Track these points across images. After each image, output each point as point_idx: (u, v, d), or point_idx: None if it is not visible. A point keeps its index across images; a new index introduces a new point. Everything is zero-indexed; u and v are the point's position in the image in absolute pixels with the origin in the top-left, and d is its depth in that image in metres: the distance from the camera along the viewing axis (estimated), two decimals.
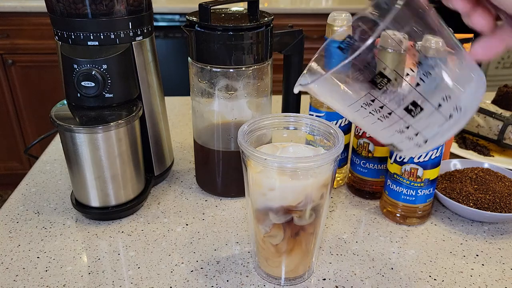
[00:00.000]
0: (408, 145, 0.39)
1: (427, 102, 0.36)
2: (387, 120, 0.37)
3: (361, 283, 0.50)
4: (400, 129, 0.38)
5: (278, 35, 0.61)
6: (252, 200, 0.47)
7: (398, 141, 0.40)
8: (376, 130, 0.40)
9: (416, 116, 0.37)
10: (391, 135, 0.39)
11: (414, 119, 0.37)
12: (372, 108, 0.37)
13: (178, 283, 0.50)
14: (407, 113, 0.37)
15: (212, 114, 0.62)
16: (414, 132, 0.38)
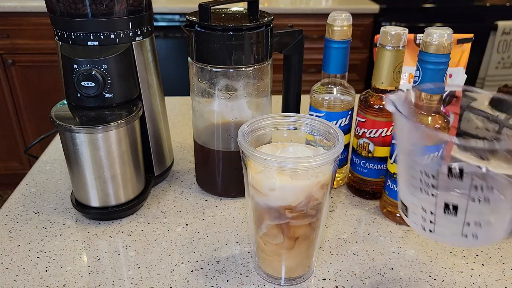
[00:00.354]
0: (417, 220, 0.42)
1: (464, 214, 0.38)
2: (423, 193, 0.40)
3: (361, 283, 0.50)
4: (424, 207, 0.40)
5: (278, 35, 0.61)
6: (252, 200, 0.47)
7: (413, 210, 0.42)
8: (408, 188, 0.42)
9: (445, 213, 0.39)
10: (414, 202, 0.41)
11: (442, 214, 0.39)
12: (424, 177, 0.39)
13: (178, 283, 0.50)
14: (443, 206, 0.39)
15: (212, 114, 0.62)
16: (430, 219, 0.40)
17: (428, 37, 0.50)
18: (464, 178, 0.38)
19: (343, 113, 0.62)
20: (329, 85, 0.63)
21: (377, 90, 0.60)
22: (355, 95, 0.63)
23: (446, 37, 0.49)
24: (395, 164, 0.58)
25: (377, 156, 0.63)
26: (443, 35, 0.49)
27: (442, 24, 2.07)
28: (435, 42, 0.49)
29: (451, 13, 2.11)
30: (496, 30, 2.04)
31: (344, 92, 0.62)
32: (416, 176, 0.41)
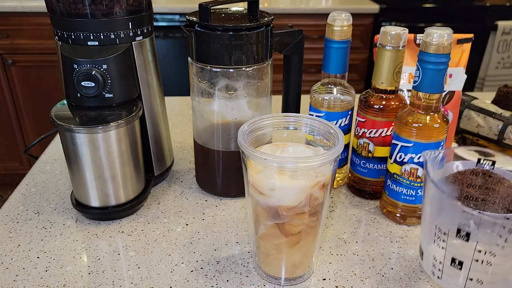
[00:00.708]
0: (429, 264, 0.48)
1: (467, 270, 0.43)
2: (435, 244, 0.45)
3: (361, 283, 0.50)
4: (436, 256, 0.46)
5: (278, 35, 0.61)
6: (252, 200, 0.47)
7: (427, 256, 0.48)
8: (426, 237, 0.48)
9: (451, 265, 0.44)
10: (429, 250, 0.47)
11: (449, 265, 0.44)
12: (438, 232, 0.44)
13: (178, 283, 0.50)
14: (450, 260, 0.44)
15: (212, 114, 0.62)
16: (439, 267, 0.46)
17: (428, 37, 0.50)
18: (470, 241, 0.42)
19: (343, 113, 0.62)
20: (329, 85, 0.63)
21: (377, 90, 0.60)
22: (355, 95, 0.63)
23: (446, 37, 0.49)
24: (395, 164, 0.58)
25: (377, 156, 0.63)
26: (443, 35, 0.49)
27: (442, 24, 2.07)
28: (435, 42, 0.49)
29: (451, 13, 2.11)
30: (496, 30, 2.04)
31: (344, 92, 0.62)
32: (432, 229, 0.45)
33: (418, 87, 0.53)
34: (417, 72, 0.52)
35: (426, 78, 0.52)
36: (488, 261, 0.42)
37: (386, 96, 0.59)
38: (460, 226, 0.42)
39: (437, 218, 0.45)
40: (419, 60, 0.52)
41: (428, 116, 0.54)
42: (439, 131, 0.54)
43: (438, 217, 0.45)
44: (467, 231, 0.41)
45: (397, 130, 0.56)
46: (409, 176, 0.57)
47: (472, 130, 0.83)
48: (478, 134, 0.82)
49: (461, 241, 0.42)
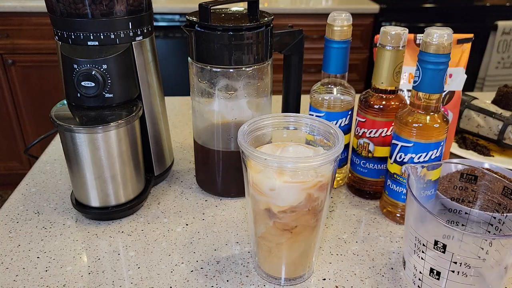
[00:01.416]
0: (410, 274, 0.50)
1: (444, 281, 0.45)
2: (415, 255, 0.47)
3: (361, 283, 0.50)
4: (416, 266, 0.48)
5: (278, 35, 0.61)
6: (252, 200, 0.47)
7: (408, 265, 0.50)
8: (407, 248, 0.50)
9: (430, 276, 0.46)
10: (410, 260, 0.49)
11: (427, 275, 0.46)
12: (417, 242, 0.46)
13: (178, 283, 0.50)
14: (428, 270, 0.46)
15: (212, 114, 0.62)
16: (419, 277, 0.48)
17: (428, 37, 0.50)
18: (447, 252, 0.43)
19: (343, 113, 0.62)
20: (329, 85, 0.63)
21: (377, 90, 0.60)
22: (355, 95, 0.63)
23: (446, 37, 0.49)
24: (395, 164, 0.58)
25: (377, 156, 0.63)
26: (443, 35, 0.49)
27: (442, 24, 2.07)
28: (435, 42, 0.49)
29: (451, 13, 2.11)
30: (496, 30, 2.04)
31: (344, 92, 0.62)
32: (413, 240, 0.47)
33: (418, 87, 0.53)
34: (417, 72, 0.52)
35: (426, 78, 0.52)
36: (464, 272, 0.44)
37: (386, 96, 0.59)
38: (437, 238, 0.44)
39: (418, 230, 0.46)
40: (419, 60, 0.52)
41: (428, 116, 0.54)
42: (439, 131, 0.54)
43: (419, 229, 0.46)
44: (443, 243, 0.43)
45: (397, 130, 0.56)
46: None
47: (472, 130, 0.83)
48: (478, 134, 0.83)
49: (439, 253, 0.44)
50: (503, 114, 0.80)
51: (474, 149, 0.81)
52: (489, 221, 0.52)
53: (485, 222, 0.52)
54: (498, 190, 0.53)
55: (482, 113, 0.82)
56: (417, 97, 0.54)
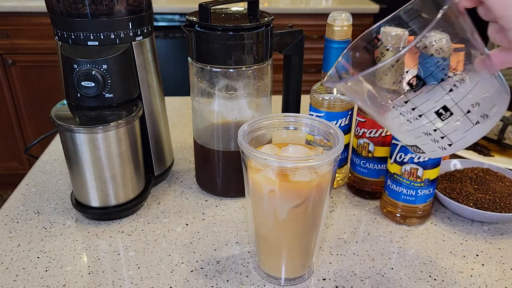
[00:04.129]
0: (432, 147, 0.41)
1: (457, 108, 0.38)
2: (416, 121, 0.39)
3: (361, 283, 0.50)
4: (427, 131, 0.40)
5: (278, 35, 0.61)
6: (252, 200, 0.47)
7: (423, 143, 0.41)
8: (403, 131, 0.41)
9: (445, 120, 0.38)
10: (417, 136, 0.41)
11: (442, 123, 0.38)
12: (404, 109, 0.39)
13: (178, 283, 0.50)
14: (437, 117, 0.38)
15: (212, 114, 0.62)
16: (440, 135, 0.39)
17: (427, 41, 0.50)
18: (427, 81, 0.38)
19: (343, 113, 0.62)
20: None
21: None
22: None
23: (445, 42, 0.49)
24: (395, 164, 0.58)
25: (377, 156, 0.63)
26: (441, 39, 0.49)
27: None
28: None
29: None
30: None
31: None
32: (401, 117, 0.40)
33: None
34: None
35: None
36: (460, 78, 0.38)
37: None
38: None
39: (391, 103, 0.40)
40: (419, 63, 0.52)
41: None
42: None
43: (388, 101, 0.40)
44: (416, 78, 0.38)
45: None
46: (409, 176, 0.57)
47: None
48: None
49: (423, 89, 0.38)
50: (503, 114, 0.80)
51: (474, 149, 0.81)
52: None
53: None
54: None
55: None
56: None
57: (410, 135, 0.41)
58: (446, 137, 0.40)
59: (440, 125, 0.39)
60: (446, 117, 0.38)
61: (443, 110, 0.38)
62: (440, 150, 0.41)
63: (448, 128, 0.39)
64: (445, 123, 0.39)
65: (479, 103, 0.38)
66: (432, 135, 0.40)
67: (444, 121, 0.39)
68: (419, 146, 0.42)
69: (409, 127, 0.40)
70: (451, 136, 0.39)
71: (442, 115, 0.38)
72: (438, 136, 0.40)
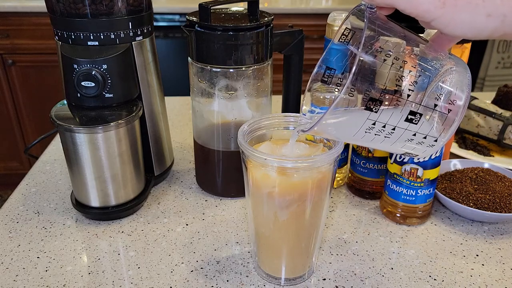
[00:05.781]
0: (421, 149, 0.42)
1: (423, 108, 0.38)
2: (393, 135, 0.40)
3: (361, 283, 0.50)
4: (409, 138, 0.40)
5: (278, 35, 0.61)
6: (252, 200, 0.47)
7: (411, 148, 0.42)
8: (387, 146, 0.41)
9: (418, 122, 0.38)
10: (402, 146, 0.41)
11: (417, 126, 0.39)
12: (376, 130, 0.39)
13: (178, 283, 0.50)
14: (409, 123, 0.38)
15: (212, 114, 0.62)
16: (422, 136, 0.40)
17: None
18: (384, 99, 0.37)
19: None
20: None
21: None
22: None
23: None
24: (395, 164, 0.58)
25: (377, 156, 0.63)
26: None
27: None
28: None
29: None
30: None
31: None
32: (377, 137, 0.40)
33: None
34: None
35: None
36: (419, 71, 0.38)
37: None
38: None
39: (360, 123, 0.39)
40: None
41: None
42: None
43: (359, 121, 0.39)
44: (380, 94, 0.37)
45: None
46: (409, 176, 0.57)
47: (472, 130, 0.83)
48: (478, 134, 0.83)
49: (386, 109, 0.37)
50: (503, 114, 0.80)
51: (474, 149, 0.81)
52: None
53: None
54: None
55: (482, 113, 0.82)
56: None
57: (395, 147, 0.42)
58: (428, 136, 0.40)
59: (417, 128, 0.39)
60: (418, 119, 0.38)
61: (411, 115, 0.38)
62: (430, 147, 0.41)
63: (425, 127, 0.39)
64: (420, 125, 0.39)
65: (440, 94, 0.39)
66: (414, 139, 0.40)
67: (418, 123, 0.39)
68: (409, 152, 0.43)
69: (390, 141, 0.41)
70: (432, 133, 0.40)
71: (413, 120, 0.38)
72: (421, 138, 0.40)
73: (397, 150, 0.43)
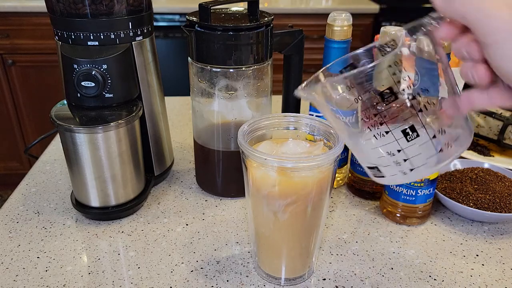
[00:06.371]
0: (393, 170, 0.39)
1: (424, 130, 0.37)
2: (382, 139, 0.38)
3: (361, 283, 0.50)
4: (391, 151, 0.38)
5: (278, 35, 0.61)
6: (252, 200, 0.47)
7: (385, 164, 0.40)
8: (366, 149, 0.40)
9: (410, 141, 0.37)
10: (380, 156, 0.39)
11: (407, 144, 0.37)
12: (372, 122, 0.38)
13: (178, 283, 0.50)
14: (403, 136, 0.37)
15: (212, 114, 0.62)
16: (403, 157, 0.38)
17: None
18: (399, 96, 0.36)
19: None
20: None
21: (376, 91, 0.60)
22: None
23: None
24: None
25: None
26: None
27: None
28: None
29: None
30: None
31: None
32: (367, 132, 0.39)
33: None
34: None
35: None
36: (430, 101, 0.37)
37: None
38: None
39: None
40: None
41: None
42: None
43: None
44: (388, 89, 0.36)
45: None
46: None
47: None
48: (478, 134, 0.82)
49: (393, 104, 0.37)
50: (503, 114, 0.80)
51: (474, 149, 0.81)
52: None
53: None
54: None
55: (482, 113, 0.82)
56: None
57: (373, 154, 0.40)
58: (409, 160, 0.38)
59: (405, 146, 0.38)
60: (412, 138, 0.37)
61: (410, 130, 0.37)
62: (401, 174, 0.39)
63: (412, 150, 0.38)
64: (410, 145, 0.38)
65: (445, 130, 0.37)
66: (395, 156, 0.39)
67: (410, 142, 0.38)
68: (380, 168, 0.40)
69: (373, 145, 0.39)
70: (414, 160, 0.38)
71: (409, 135, 0.37)
72: (401, 158, 0.38)
73: (370, 158, 0.40)
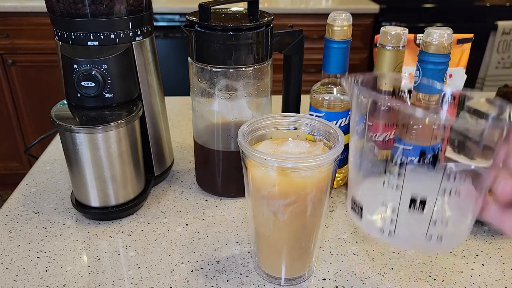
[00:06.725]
0: (373, 221, 0.36)
1: (431, 211, 0.33)
2: (387, 186, 0.34)
3: (361, 283, 0.50)
4: (386, 203, 0.35)
5: (278, 35, 0.61)
6: (252, 200, 0.47)
7: (370, 209, 0.36)
8: (368, 182, 0.36)
9: (411, 209, 0.33)
10: (374, 199, 0.36)
11: (406, 211, 0.34)
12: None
13: (178, 283, 0.50)
14: (408, 201, 0.33)
15: (212, 114, 0.62)
16: (392, 217, 0.34)
17: (428, 37, 0.50)
18: (437, 165, 0.33)
19: (343, 113, 0.62)
20: (329, 85, 0.63)
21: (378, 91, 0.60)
22: None
23: (446, 37, 0.49)
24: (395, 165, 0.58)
25: None
26: (443, 35, 0.49)
27: (442, 24, 2.07)
28: (435, 42, 0.49)
29: (451, 13, 2.11)
30: (496, 30, 2.04)
31: (344, 92, 0.62)
32: (377, 163, 0.36)
33: (417, 87, 0.53)
34: (417, 72, 0.52)
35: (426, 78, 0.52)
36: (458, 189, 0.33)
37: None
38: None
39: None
40: (419, 60, 0.52)
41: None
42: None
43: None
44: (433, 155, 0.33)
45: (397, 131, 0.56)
46: None
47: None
48: None
49: (425, 169, 0.33)
50: None
51: None
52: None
53: None
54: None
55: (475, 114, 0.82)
56: (417, 98, 0.54)
57: (368, 186, 0.36)
58: (395, 224, 0.34)
59: (403, 209, 0.34)
60: (414, 209, 0.34)
61: (420, 202, 0.33)
62: (377, 231, 0.35)
63: (405, 218, 0.34)
64: (407, 213, 0.34)
65: (447, 223, 0.34)
66: (387, 211, 0.35)
67: (409, 211, 0.34)
68: (365, 207, 0.36)
69: (376, 183, 0.35)
70: (399, 228, 0.34)
71: (414, 204, 0.33)
72: (390, 216, 0.34)
73: (362, 188, 0.37)
